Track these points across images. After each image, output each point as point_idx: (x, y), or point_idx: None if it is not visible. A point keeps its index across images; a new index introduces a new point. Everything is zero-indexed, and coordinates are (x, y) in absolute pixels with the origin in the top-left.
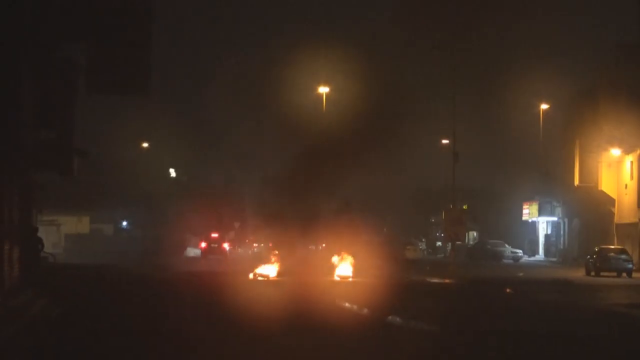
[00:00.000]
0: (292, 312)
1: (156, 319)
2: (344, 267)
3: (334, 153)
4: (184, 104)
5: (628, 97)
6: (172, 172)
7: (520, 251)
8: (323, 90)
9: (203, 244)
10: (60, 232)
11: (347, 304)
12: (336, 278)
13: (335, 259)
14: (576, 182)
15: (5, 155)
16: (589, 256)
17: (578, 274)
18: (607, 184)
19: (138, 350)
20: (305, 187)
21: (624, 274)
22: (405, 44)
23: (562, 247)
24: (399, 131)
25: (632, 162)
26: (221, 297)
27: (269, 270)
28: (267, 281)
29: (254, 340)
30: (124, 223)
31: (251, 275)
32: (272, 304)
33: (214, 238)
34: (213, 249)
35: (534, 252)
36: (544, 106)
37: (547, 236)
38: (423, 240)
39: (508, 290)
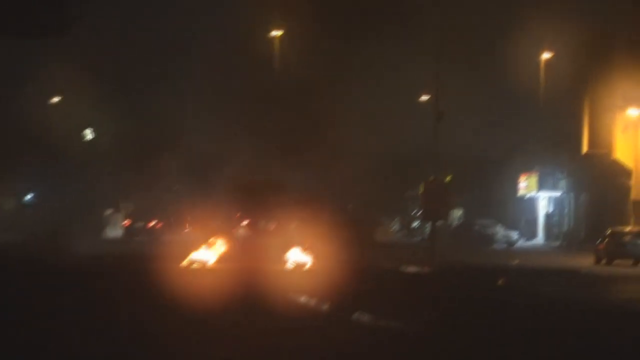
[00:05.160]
0: (232, 310)
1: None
2: (299, 252)
3: (286, 107)
4: (103, 51)
5: None
6: (89, 133)
7: (516, 233)
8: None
9: (126, 222)
10: None
11: (303, 298)
12: (290, 266)
13: (289, 241)
14: (584, 148)
15: None
16: (599, 240)
17: (586, 261)
18: (622, 151)
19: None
20: (250, 150)
21: None
22: None
23: (566, 228)
24: (367, 83)
25: None
26: (143, 290)
27: (207, 255)
28: (204, 270)
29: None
30: (28, 196)
31: (185, 262)
32: (206, 300)
33: (139, 214)
34: (137, 229)
35: (532, 234)
36: (546, 55)
37: (548, 215)
38: (397, 219)
39: (500, 281)
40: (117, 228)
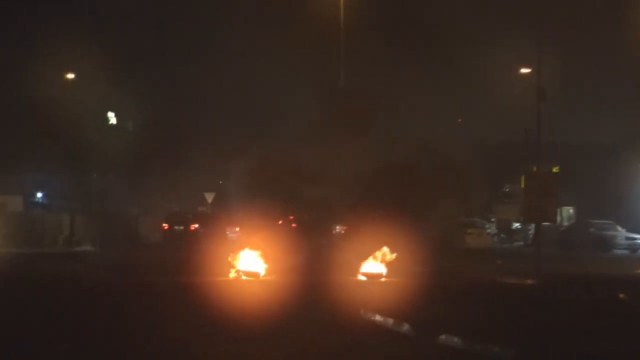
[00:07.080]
0: (293, 333)
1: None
2: (373, 262)
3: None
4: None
5: None
6: (112, 117)
7: None
8: None
9: (164, 225)
10: None
11: (377, 317)
12: (361, 277)
13: (360, 249)
14: None
15: None
16: None
17: None
18: None
19: None
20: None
21: None
22: None
23: None
24: (451, 58)
25: None
26: (182, 310)
27: (258, 265)
28: (256, 282)
29: None
30: (39, 194)
31: (232, 273)
32: (261, 320)
33: (178, 215)
34: (177, 233)
35: None
36: None
37: None
38: (492, 220)
39: (621, 295)
40: (154, 232)
